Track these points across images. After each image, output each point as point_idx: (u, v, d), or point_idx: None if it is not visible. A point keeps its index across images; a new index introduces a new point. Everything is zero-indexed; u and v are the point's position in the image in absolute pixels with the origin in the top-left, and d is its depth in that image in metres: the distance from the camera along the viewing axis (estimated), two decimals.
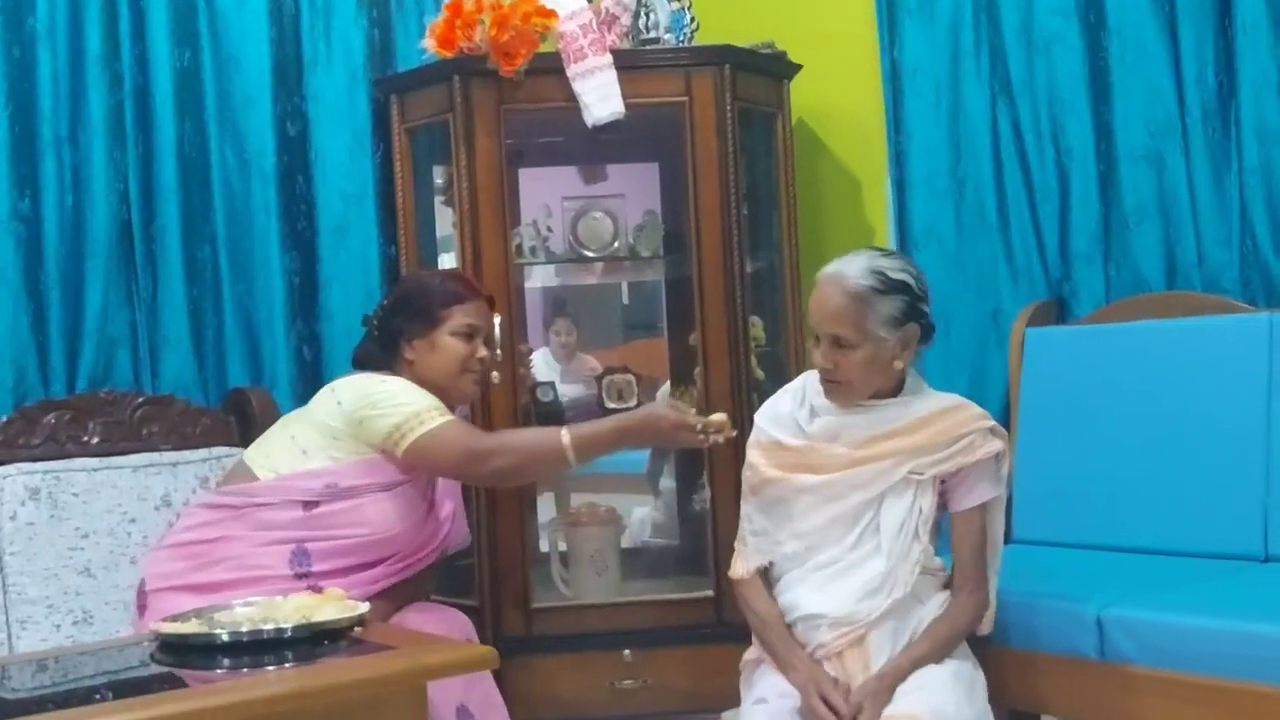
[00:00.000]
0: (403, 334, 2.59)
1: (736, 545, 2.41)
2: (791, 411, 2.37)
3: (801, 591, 2.26)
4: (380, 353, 2.63)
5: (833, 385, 2.28)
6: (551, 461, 2.45)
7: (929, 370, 2.44)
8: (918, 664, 2.18)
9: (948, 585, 2.33)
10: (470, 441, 2.43)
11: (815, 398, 2.34)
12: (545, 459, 2.45)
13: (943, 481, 2.28)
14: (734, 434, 2.38)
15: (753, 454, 2.39)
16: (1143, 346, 2.93)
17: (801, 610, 2.26)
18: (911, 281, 2.28)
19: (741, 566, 2.37)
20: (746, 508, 2.40)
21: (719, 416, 2.38)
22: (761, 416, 2.42)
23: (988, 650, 2.33)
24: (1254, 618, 2.23)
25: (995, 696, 2.26)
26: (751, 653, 2.36)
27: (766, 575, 2.37)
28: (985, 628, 2.37)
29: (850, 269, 2.27)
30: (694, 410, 2.44)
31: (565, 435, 2.39)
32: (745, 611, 2.38)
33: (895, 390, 2.31)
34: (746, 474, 2.40)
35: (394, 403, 2.44)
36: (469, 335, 2.59)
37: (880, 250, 2.38)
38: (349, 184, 3.40)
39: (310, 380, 3.34)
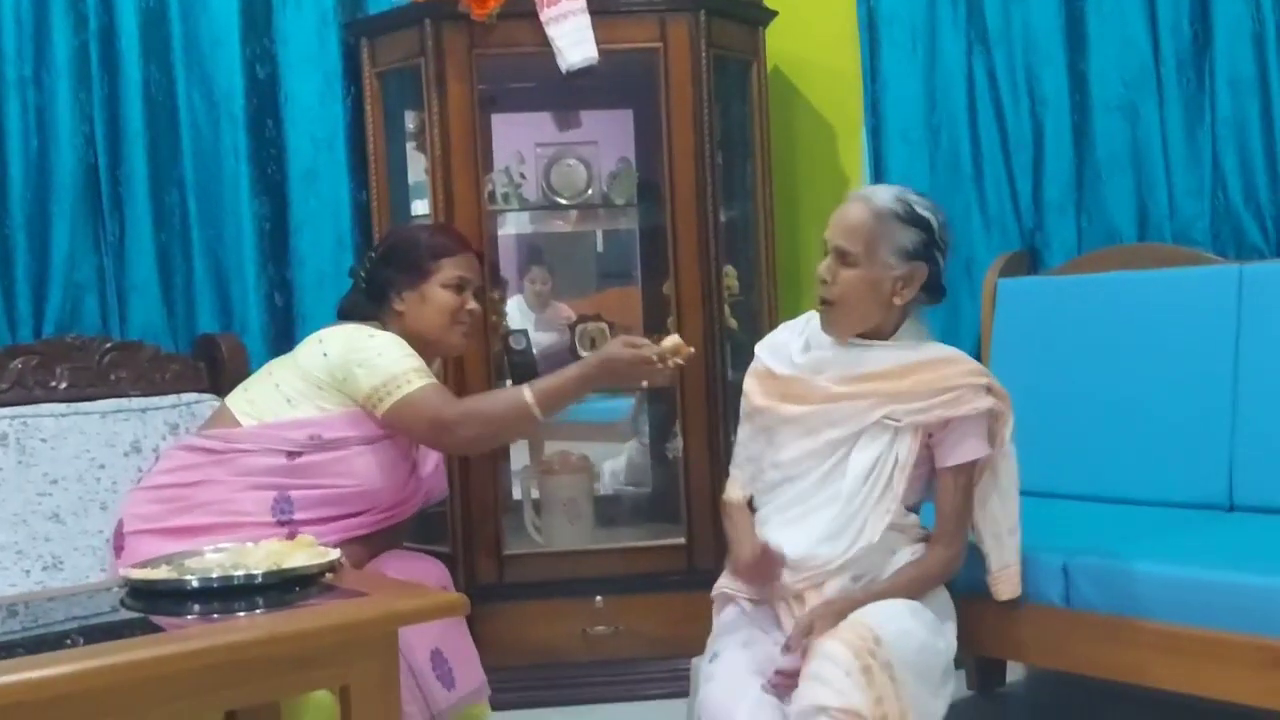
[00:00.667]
0: (392, 286, 2.58)
1: (731, 470, 2.45)
2: (787, 342, 2.39)
3: (772, 529, 2.27)
4: (368, 304, 2.62)
5: (826, 306, 2.28)
6: (519, 421, 2.45)
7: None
8: (874, 598, 2.17)
9: (923, 541, 2.32)
10: (437, 410, 2.41)
11: (813, 333, 2.36)
12: (512, 421, 2.45)
13: (930, 435, 2.26)
14: (691, 352, 2.40)
15: (748, 382, 2.41)
16: (1114, 298, 2.94)
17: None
18: (934, 222, 2.28)
19: (734, 491, 2.41)
20: (741, 434, 2.43)
21: (672, 340, 2.39)
22: (761, 346, 2.44)
23: (955, 599, 2.35)
24: (1218, 566, 2.26)
25: (963, 644, 2.28)
26: (720, 581, 2.37)
27: (752, 503, 2.39)
28: (1002, 594, 2.35)
29: (881, 192, 2.30)
30: (649, 342, 2.43)
31: (528, 393, 2.40)
32: (724, 522, 2.42)
33: (890, 333, 2.31)
34: (742, 401, 2.43)
35: (377, 362, 2.42)
36: (459, 287, 2.58)
37: (909, 188, 2.37)
38: (319, 128, 3.36)
39: (281, 326, 3.33)
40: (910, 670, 2.06)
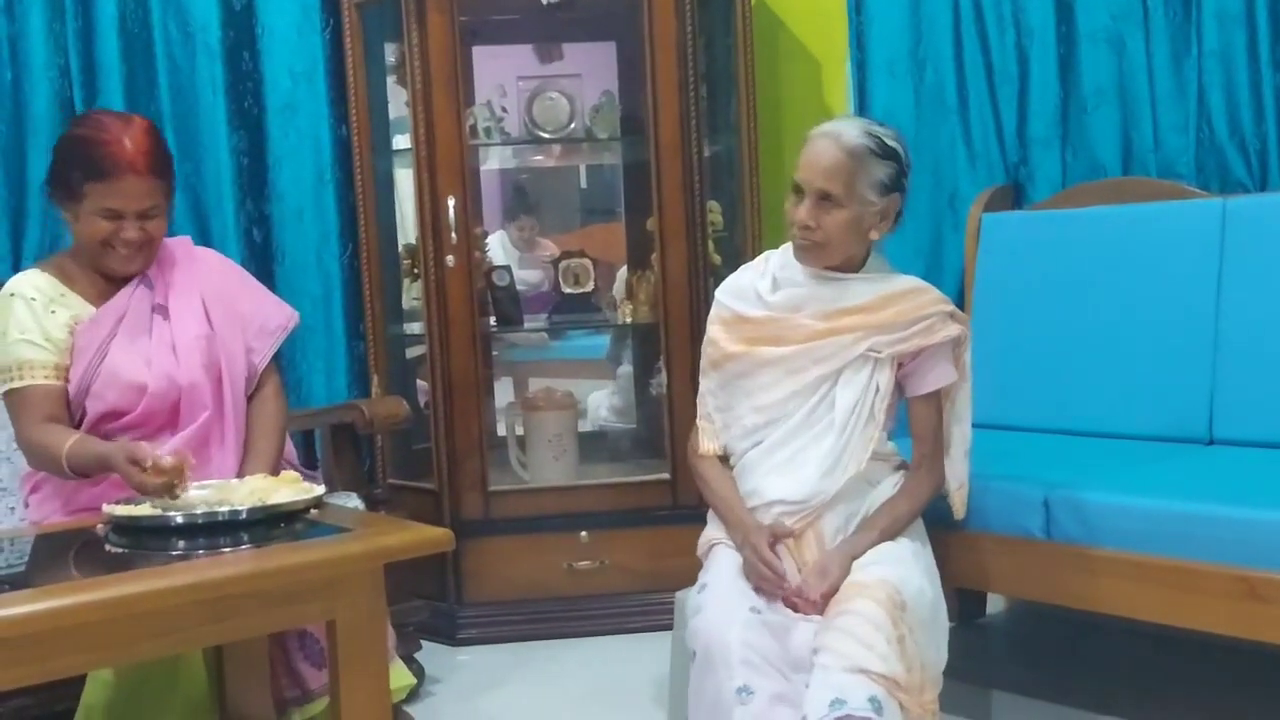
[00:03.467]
0: (53, 197, 2.34)
1: (700, 423, 2.39)
2: (752, 282, 2.34)
3: (760, 476, 2.27)
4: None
5: (808, 246, 2.26)
6: (51, 463, 2.23)
7: (887, 253, 2.42)
8: (875, 542, 2.19)
9: (901, 469, 2.34)
10: (22, 427, 2.27)
11: (779, 270, 2.32)
12: (54, 463, 2.22)
13: (900, 365, 2.27)
14: (181, 483, 2.07)
15: (713, 329, 2.36)
16: (1097, 232, 2.94)
17: (764, 497, 2.25)
18: (901, 152, 2.27)
19: (708, 444, 2.36)
20: (706, 384, 2.38)
21: (170, 462, 2.05)
22: (722, 291, 2.39)
23: (936, 531, 2.37)
24: (1196, 498, 2.27)
25: (944, 577, 2.29)
26: (708, 533, 2.38)
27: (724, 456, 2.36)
28: (959, 512, 2.39)
29: (848, 127, 2.25)
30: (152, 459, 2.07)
31: (67, 446, 2.19)
32: (698, 480, 2.39)
33: (860, 265, 2.30)
34: (707, 349, 2.38)
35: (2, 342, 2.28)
36: (110, 216, 2.28)
37: (869, 119, 2.35)
38: (297, 61, 3.32)
39: (261, 261, 3.30)
40: (925, 631, 2.10)
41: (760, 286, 2.32)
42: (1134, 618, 2.34)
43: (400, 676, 2.44)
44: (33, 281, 2.33)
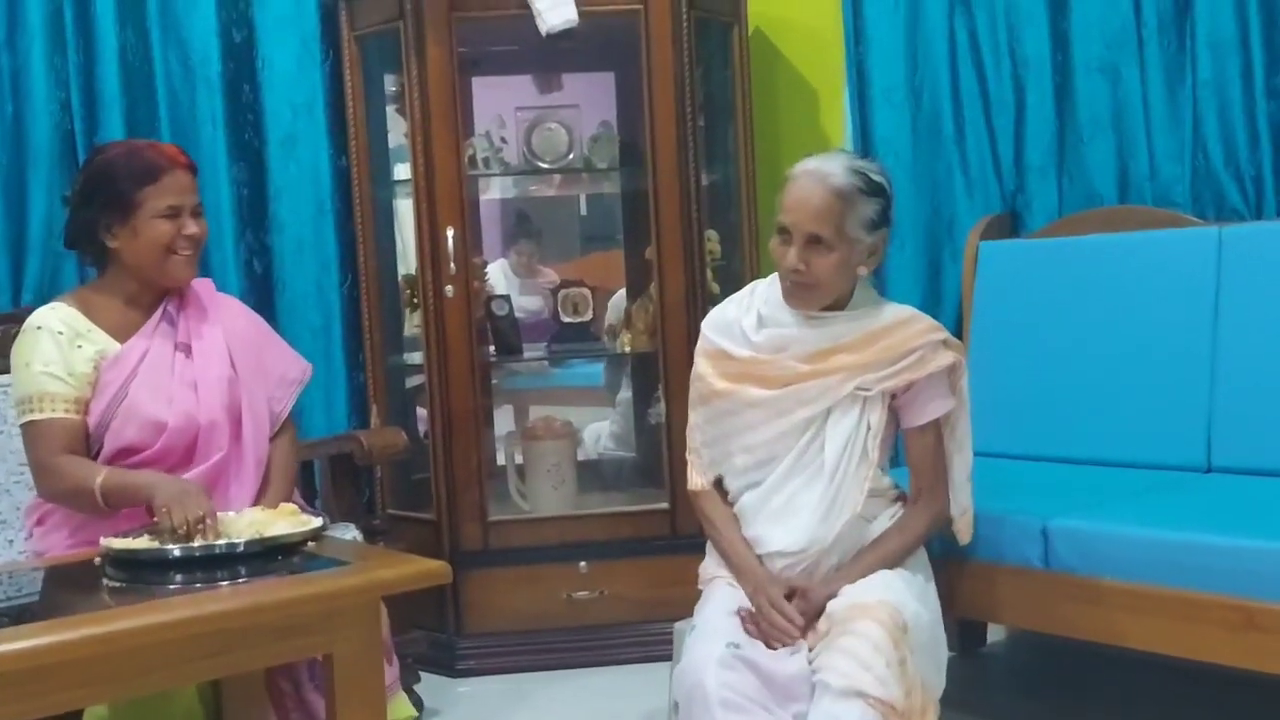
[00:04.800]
0: (99, 225, 2.34)
1: (689, 457, 2.38)
2: (737, 318, 2.31)
3: (760, 524, 2.25)
4: (86, 243, 2.40)
5: (799, 289, 2.23)
6: (83, 496, 2.23)
7: (884, 281, 2.42)
8: (860, 575, 2.17)
9: (899, 501, 2.33)
10: (41, 455, 2.27)
11: (763, 306, 2.29)
12: (79, 494, 2.23)
13: (894, 397, 2.26)
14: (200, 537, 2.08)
15: (701, 363, 2.34)
16: (1094, 260, 2.95)
17: (764, 546, 2.24)
18: (887, 186, 2.25)
19: (699, 479, 2.36)
20: (695, 417, 2.36)
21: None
22: (708, 325, 2.36)
23: (936, 561, 2.36)
24: (1195, 528, 2.28)
25: (944, 606, 2.29)
26: (708, 566, 2.37)
27: (721, 484, 2.34)
28: (964, 539, 2.38)
29: (832, 166, 2.20)
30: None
31: (99, 478, 2.21)
32: (701, 519, 2.37)
33: (847, 301, 2.28)
34: (695, 383, 2.36)
35: (21, 374, 2.30)
36: (171, 215, 2.33)
37: (850, 152, 2.33)
38: (297, 93, 3.33)
39: (262, 293, 3.31)
40: (924, 654, 2.09)
41: (745, 323, 2.29)
42: (1133, 647, 2.33)
43: (401, 709, 2.44)
44: (59, 315, 2.35)
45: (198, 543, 2.03)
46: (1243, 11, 2.91)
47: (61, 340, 2.31)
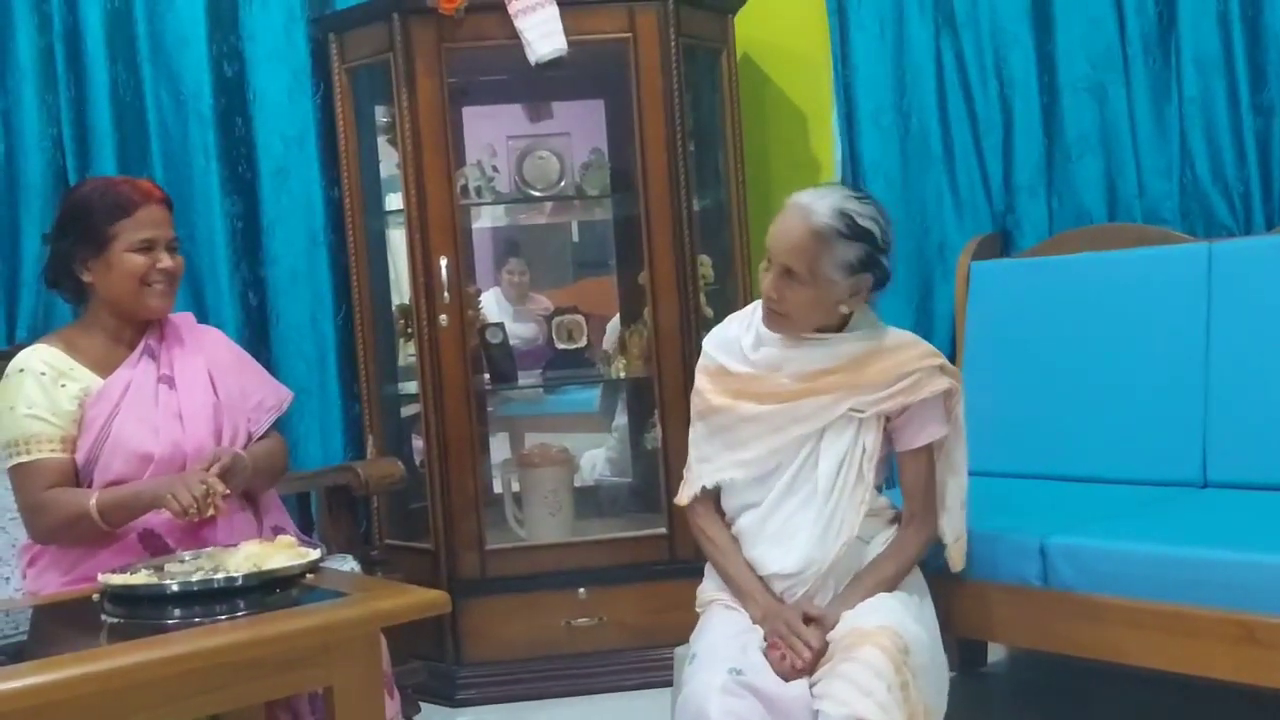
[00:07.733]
0: (74, 259, 2.35)
1: (686, 473, 2.40)
2: (737, 337, 2.34)
3: (759, 547, 2.26)
4: (65, 278, 2.42)
5: (771, 314, 2.25)
6: (82, 521, 2.24)
7: (876, 303, 2.43)
8: (859, 600, 2.17)
9: (895, 521, 2.33)
10: (29, 495, 2.28)
11: (761, 326, 2.31)
12: (77, 520, 2.24)
13: (889, 420, 2.26)
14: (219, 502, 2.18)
15: (700, 379, 2.36)
16: (1085, 278, 2.96)
17: (763, 569, 2.25)
18: (877, 232, 2.22)
19: (686, 492, 2.36)
20: (694, 434, 2.38)
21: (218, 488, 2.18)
22: (709, 342, 2.39)
23: (934, 580, 2.36)
24: (1192, 543, 2.28)
25: (943, 626, 2.29)
26: (706, 588, 2.36)
27: (717, 501, 2.35)
28: (957, 565, 2.38)
29: (820, 204, 2.19)
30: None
31: (93, 499, 2.24)
32: (699, 538, 2.36)
33: (840, 326, 2.29)
34: (694, 399, 2.38)
35: (5, 418, 2.30)
36: (145, 248, 2.34)
37: (856, 192, 2.30)
38: (289, 125, 3.35)
39: (257, 325, 3.32)
40: (926, 677, 2.09)
41: (745, 341, 2.32)
42: (1133, 664, 2.33)
43: None
44: (41, 356, 2.35)
45: (187, 567, 2.04)
46: (1227, 29, 2.93)
47: (45, 380, 2.31)
